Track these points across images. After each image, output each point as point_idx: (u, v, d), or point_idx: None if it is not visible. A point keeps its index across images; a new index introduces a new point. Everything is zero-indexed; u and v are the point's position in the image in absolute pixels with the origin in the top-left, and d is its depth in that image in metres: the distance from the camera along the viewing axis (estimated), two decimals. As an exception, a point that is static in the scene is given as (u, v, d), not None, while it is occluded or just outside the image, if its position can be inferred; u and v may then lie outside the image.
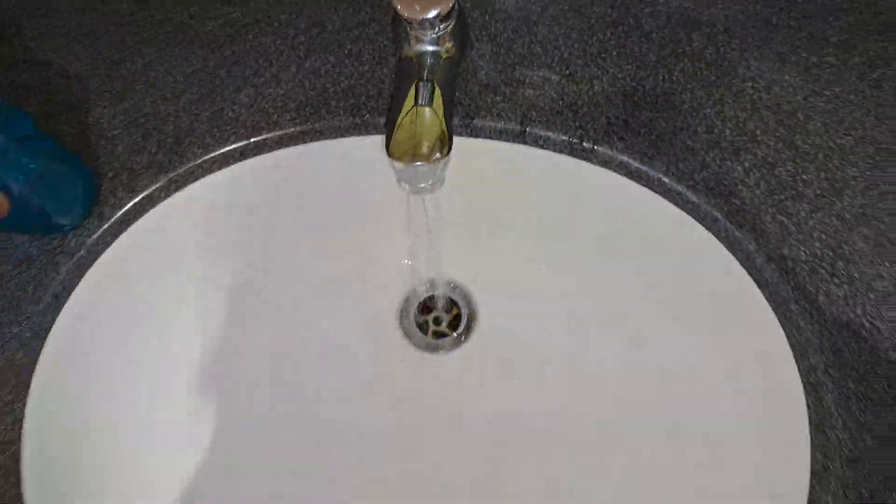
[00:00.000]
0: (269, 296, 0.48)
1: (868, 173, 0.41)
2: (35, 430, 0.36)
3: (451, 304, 0.52)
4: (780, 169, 0.41)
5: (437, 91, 0.38)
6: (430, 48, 0.38)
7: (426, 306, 0.52)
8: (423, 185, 0.37)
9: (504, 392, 0.48)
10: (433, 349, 0.51)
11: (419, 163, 0.35)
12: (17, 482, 0.35)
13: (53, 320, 0.38)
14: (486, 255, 0.50)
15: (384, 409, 0.47)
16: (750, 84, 0.43)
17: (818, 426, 0.35)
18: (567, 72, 0.44)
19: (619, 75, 0.44)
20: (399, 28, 0.38)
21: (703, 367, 0.42)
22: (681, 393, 0.42)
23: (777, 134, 0.42)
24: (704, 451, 0.42)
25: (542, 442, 0.45)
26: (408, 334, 0.51)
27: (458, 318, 0.52)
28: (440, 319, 0.52)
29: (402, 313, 0.52)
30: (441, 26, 0.36)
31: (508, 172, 0.44)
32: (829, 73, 0.44)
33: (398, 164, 0.35)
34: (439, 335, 0.51)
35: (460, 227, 0.48)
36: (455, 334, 0.51)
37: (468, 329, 0.51)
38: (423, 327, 0.52)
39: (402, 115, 0.37)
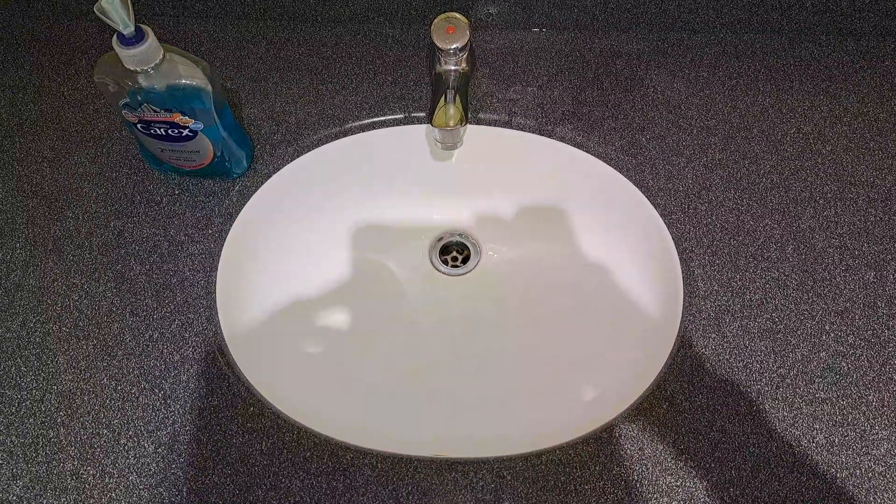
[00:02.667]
0: (353, 225, 0.73)
1: (724, 140, 0.66)
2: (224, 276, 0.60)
3: (463, 246, 0.77)
4: (669, 139, 0.66)
5: (457, 94, 0.63)
6: (453, 67, 0.63)
7: (446, 247, 0.77)
8: (449, 143, 0.62)
9: (494, 293, 0.72)
10: (452, 275, 0.75)
11: (448, 129, 0.60)
12: (216, 319, 0.59)
13: (229, 226, 0.63)
14: (490, 208, 0.75)
15: (420, 304, 0.71)
16: (651, 89, 0.69)
17: (688, 278, 0.59)
18: (536, 84, 0.70)
19: (569, 86, 0.69)
20: (433, 54, 0.64)
21: (624, 251, 0.66)
22: (611, 266, 0.67)
23: (668, 119, 0.67)
24: (623, 295, 0.66)
25: (512, 316, 0.70)
26: (435, 265, 0.75)
27: (467, 256, 0.76)
28: (456, 257, 0.76)
29: (432, 251, 0.76)
30: (460, 54, 0.62)
31: (501, 146, 0.69)
32: (702, 82, 0.69)
33: (437, 130, 0.60)
34: (455, 266, 0.76)
35: (470, 189, 0.73)
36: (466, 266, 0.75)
37: (475, 263, 0.75)
38: (445, 262, 0.76)
39: (438, 108, 0.62)
